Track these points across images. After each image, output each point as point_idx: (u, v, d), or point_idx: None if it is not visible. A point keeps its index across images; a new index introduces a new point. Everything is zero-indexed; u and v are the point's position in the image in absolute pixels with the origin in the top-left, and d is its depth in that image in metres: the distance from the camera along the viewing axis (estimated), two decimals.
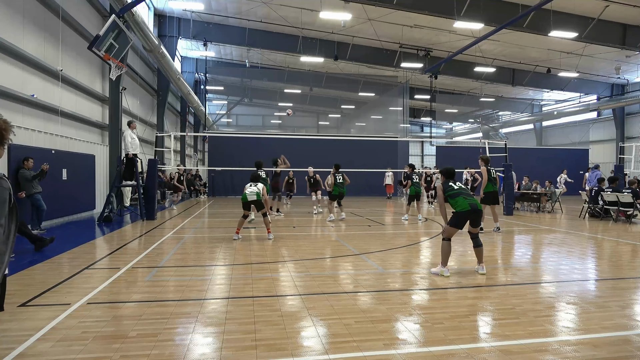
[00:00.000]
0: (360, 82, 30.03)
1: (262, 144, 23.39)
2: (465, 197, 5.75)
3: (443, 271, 5.62)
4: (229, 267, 6.14)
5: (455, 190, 5.86)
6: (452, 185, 5.95)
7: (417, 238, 9.10)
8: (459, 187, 5.92)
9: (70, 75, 12.47)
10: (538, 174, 19.59)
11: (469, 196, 5.80)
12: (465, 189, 5.97)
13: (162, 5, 20.56)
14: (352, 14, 17.90)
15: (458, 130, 49.97)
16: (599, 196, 12.84)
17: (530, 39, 20.34)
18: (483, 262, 5.80)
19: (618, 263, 6.60)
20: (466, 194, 5.84)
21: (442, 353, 3.21)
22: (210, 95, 32.08)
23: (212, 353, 3.19)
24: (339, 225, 11.28)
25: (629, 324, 3.88)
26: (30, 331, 3.56)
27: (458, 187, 5.91)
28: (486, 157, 9.76)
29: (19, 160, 9.06)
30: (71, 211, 11.89)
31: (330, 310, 4.19)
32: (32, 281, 5.19)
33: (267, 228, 8.76)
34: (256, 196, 8.50)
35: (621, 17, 18.54)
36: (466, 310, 4.20)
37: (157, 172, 12.57)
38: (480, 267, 5.76)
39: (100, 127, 15.09)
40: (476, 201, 5.78)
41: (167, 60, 17.77)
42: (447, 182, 6.05)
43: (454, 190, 5.86)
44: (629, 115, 29.40)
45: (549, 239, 8.94)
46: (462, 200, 5.71)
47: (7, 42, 9.45)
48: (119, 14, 11.11)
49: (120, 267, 5.99)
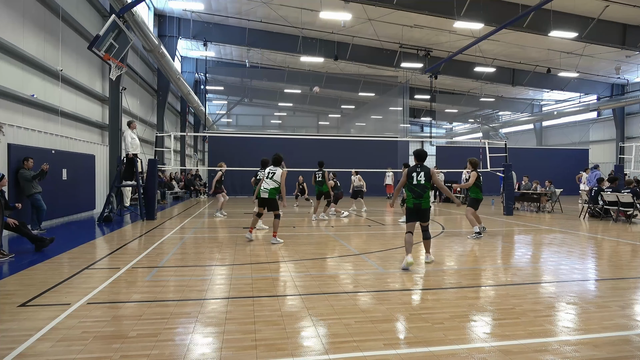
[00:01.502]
0: (360, 82, 30.03)
1: (262, 144, 23.39)
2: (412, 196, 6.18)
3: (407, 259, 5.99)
4: (229, 267, 6.14)
5: (413, 185, 6.19)
6: (414, 177, 6.21)
7: (416, 238, 9.08)
8: (417, 182, 6.17)
9: (70, 75, 12.47)
10: (538, 174, 19.61)
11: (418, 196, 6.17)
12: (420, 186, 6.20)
13: (162, 5, 20.57)
14: (352, 14, 17.90)
15: (458, 130, 49.97)
16: (598, 196, 12.84)
17: (530, 39, 20.34)
18: (429, 252, 6.51)
19: (618, 263, 6.60)
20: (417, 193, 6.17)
21: (442, 353, 3.21)
22: (210, 95, 32.09)
23: (212, 353, 3.19)
24: (338, 225, 11.27)
25: (629, 324, 3.88)
26: (30, 331, 3.56)
27: (417, 182, 6.18)
28: (475, 161, 9.32)
29: (19, 160, 9.06)
30: (71, 211, 11.89)
31: (330, 310, 4.19)
32: (32, 281, 5.18)
33: (274, 230, 8.13)
34: (268, 193, 7.93)
35: (621, 17, 18.54)
36: (466, 310, 4.20)
37: (157, 172, 12.57)
38: (426, 257, 6.45)
39: (100, 127, 15.09)
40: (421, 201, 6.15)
41: (167, 60, 17.78)
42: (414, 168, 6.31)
43: (411, 185, 6.21)
44: (629, 115, 29.41)
45: (549, 239, 8.94)
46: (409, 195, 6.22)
47: (7, 42, 9.45)
48: (119, 14, 11.10)
49: (120, 267, 5.99)
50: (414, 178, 6.19)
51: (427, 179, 6.15)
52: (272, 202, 8.09)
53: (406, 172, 6.30)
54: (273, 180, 8.03)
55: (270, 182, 8.02)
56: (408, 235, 6.13)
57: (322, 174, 12.39)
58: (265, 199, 8.02)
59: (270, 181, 8.02)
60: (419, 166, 6.27)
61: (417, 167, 6.27)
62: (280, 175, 8.03)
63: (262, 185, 8.07)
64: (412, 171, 6.25)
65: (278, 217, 8.18)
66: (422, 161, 6.36)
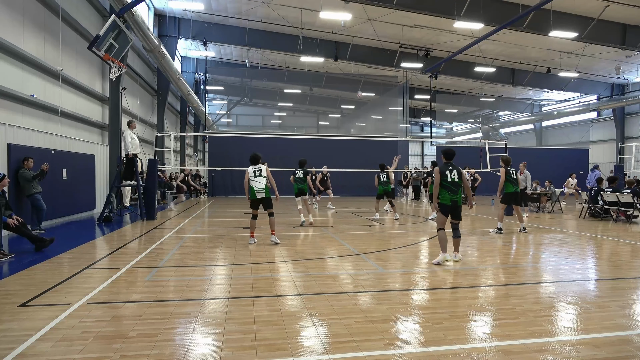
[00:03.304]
0: (360, 82, 30.03)
1: (262, 144, 23.39)
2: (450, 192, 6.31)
3: (445, 257, 6.27)
4: (229, 267, 6.14)
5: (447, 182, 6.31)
6: (448, 175, 6.33)
7: (417, 238, 9.10)
8: (451, 179, 6.30)
9: (70, 75, 12.47)
10: (538, 174, 19.59)
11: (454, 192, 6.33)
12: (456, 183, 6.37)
13: (162, 5, 20.57)
14: (352, 14, 17.90)
15: (458, 130, 49.99)
16: (598, 196, 12.84)
17: (530, 39, 20.35)
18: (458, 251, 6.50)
19: (618, 263, 6.59)
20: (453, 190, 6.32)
21: (442, 353, 3.21)
22: (210, 95, 32.09)
23: (212, 353, 3.19)
24: (338, 225, 11.27)
25: (629, 324, 3.88)
26: (30, 331, 3.56)
27: (451, 179, 6.30)
28: (506, 158, 9.93)
29: (19, 160, 9.06)
30: (71, 211, 11.89)
31: (330, 310, 4.19)
32: (32, 281, 5.18)
33: (272, 229, 8.05)
34: (264, 193, 7.79)
35: (621, 17, 18.54)
36: (466, 310, 4.20)
37: (157, 172, 12.57)
38: (454, 255, 6.45)
39: (100, 127, 15.09)
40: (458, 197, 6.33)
41: (167, 60, 17.78)
42: (445, 166, 6.42)
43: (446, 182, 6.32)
44: (629, 115, 29.41)
45: (549, 239, 8.94)
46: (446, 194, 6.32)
47: (7, 42, 9.45)
48: (119, 14, 11.11)
49: (120, 267, 5.99)
50: (447, 176, 6.31)
51: (459, 176, 6.33)
52: (268, 201, 7.97)
53: (439, 171, 6.37)
54: (263, 177, 7.88)
55: (261, 180, 7.86)
56: (442, 232, 6.29)
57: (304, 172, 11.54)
58: (263, 198, 7.88)
59: (261, 178, 7.86)
60: (450, 164, 6.43)
61: (449, 165, 6.42)
62: (266, 170, 7.93)
63: (256, 186, 7.82)
64: (445, 169, 6.37)
65: (273, 215, 8.05)
66: (451, 159, 6.52)
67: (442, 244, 6.31)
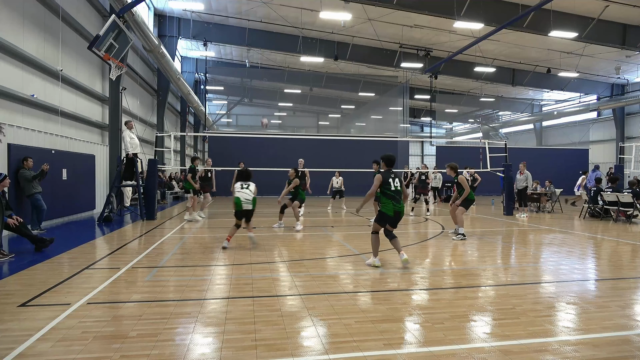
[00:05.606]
0: (360, 82, 30.04)
1: (262, 144, 23.40)
2: (394, 202, 5.96)
3: (374, 261, 6.11)
4: (229, 267, 6.14)
5: (391, 192, 5.96)
6: (391, 183, 5.97)
7: (417, 238, 9.09)
8: (395, 188, 5.97)
9: (70, 75, 12.47)
10: (538, 174, 19.57)
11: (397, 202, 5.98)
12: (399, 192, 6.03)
13: (162, 5, 20.57)
14: (352, 14, 17.90)
15: (458, 130, 50.00)
16: (598, 196, 12.85)
17: (530, 39, 20.35)
18: (401, 250, 6.16)
19: (618, 263, 6.60)
20: (397, 199, 5.98)
21: (442, 353, 3.21)
22: (210, 95, 32.12)
23: (212, 353, 3.19)
24: (338, 225, 11.27)
25: (629, 324, 3.88)
26: (30, 331, 3.56)
27: (394, 188, 5.97)
28: (454, 165, 9.00)
29: (19, 160, 9.06)
30: (71, 211, 11.89)
31: (330, 310, 4.19)
32: (32, 281, 5.18)
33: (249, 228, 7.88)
34: (252, 205, 7.62)
35: (621, 17, 18.55)
36: (466, 310, 4.20)
37: (157, 172, 12.57)
38: (401, 255, 6.10)
39: (100, 127, 15.09)
40: (401, 207, 6.03)
41: (167, 60, 17.78)
42: (388, 173, 6.06)
43: (390, 191, 5.97)
44: (629, 115, 29.41)
45: (549, 239, 8.94)
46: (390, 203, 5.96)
47: (7, 42, 9.46)
48: (119, 14, 11.10)
49: (120, 267, 5.99)
50: (391, 184, 5.91)
51: (400, 184, 5.98)
52: (251, 213, 7.72)
53: (381, 178, 5.94)
54: (250, 190, 7.67)
55: (249, 192, 7.63)
56: (376, 236, 6.16)
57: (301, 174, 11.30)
58: (249, 210, 7.65)
59: (248, 191, 7.64)
60: (391, 172, 6.07)
61: (391, 172, 6.06)
62: (254, 189, 7.72)
63: (243, 197, 7.57)
64: (388, 177, 5.96)
65: (239, 227, 7.76)
66: (392, 166, 6.15)
67: (375, 248, 6.11)
